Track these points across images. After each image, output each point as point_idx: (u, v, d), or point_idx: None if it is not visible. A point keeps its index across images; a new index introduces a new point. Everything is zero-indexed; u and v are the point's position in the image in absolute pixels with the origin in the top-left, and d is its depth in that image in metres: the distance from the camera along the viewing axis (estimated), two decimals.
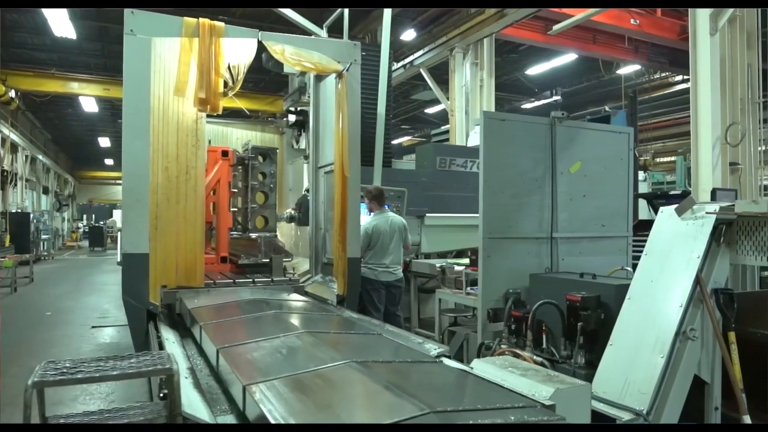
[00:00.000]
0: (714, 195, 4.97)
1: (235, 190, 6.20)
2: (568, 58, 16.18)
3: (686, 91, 16.71)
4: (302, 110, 7.93)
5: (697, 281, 3.11)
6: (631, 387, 3.04)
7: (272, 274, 5.58)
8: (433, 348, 3.14)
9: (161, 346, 3.93)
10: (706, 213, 3.17)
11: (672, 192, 5.97)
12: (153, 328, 4.56)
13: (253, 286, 5.26)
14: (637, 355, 3.10)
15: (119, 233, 5.25)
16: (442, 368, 2.65)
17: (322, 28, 6.99)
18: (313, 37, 6.24)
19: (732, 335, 3.11)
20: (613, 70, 15.77)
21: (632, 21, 10.99)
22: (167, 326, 4.51)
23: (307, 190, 6.86)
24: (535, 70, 17.07)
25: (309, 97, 6.87)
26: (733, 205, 3.16)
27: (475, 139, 4.59)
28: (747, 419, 2.93)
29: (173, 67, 4.73)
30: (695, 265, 3.12)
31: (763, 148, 5.30)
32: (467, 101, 8.94)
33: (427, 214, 6.90)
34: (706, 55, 5.15)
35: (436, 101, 16.81)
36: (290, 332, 3.17)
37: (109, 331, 8.26)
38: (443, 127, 10.09)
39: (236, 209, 6.32)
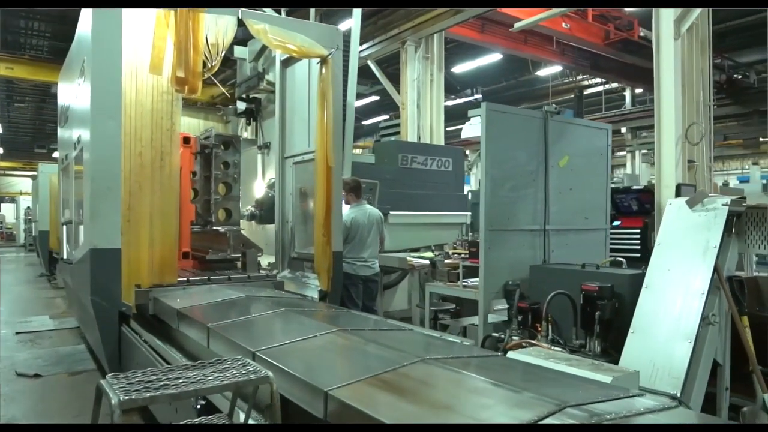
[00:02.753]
0: (679, 190, 5.31)
1: (196, 180, 5.75)
2: (493, 57, 16.72)
3: (600, 93, 17.96)
4: (254, 98, 7.55)
5: (716, 269, 3.28)
6: (660, 372, 3.15)
7: (247, 270, 5.24)
8: (465, 341, 3.07)
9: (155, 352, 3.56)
10: (722, 205, 3.35)
11: (635, 187, 6.29)
12: (130, 331, 4.11)
13: (229, 283, 4.90)
14: (665, 342, 3.21)
15: (82, 226, 4.68)
16: (512, 362, 2.59)
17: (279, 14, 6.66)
18: (295, 18, 5.91)
19: (745, 319, 3.32)
20: (532, 72, 16.51)
21: (564, 25, 11.52)
22: (142, 329, 4.10)
23: (270, 187, 6.50)
24: (461, 68, 17.46)
25: (274, 83, 6.54)
26: (744, 197, 3.36)
27: (469, 131, 4.58)
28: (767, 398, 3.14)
29: (147, 43, 4.27)
30: (713, 254, 3.29)
31: (714, 145, 5.75)
32: (419, 95, 8.93)
33: (391, 212, 6.81)
34: (670, 59, 5.48)
35: (362, 95, 16.69)
36: (324, 331, 2.95)
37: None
38: (391, 120, 10.05)
39: (197, 201, 5.86)
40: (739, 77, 14.34)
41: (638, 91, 17.20)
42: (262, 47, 7.13)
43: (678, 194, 5.28)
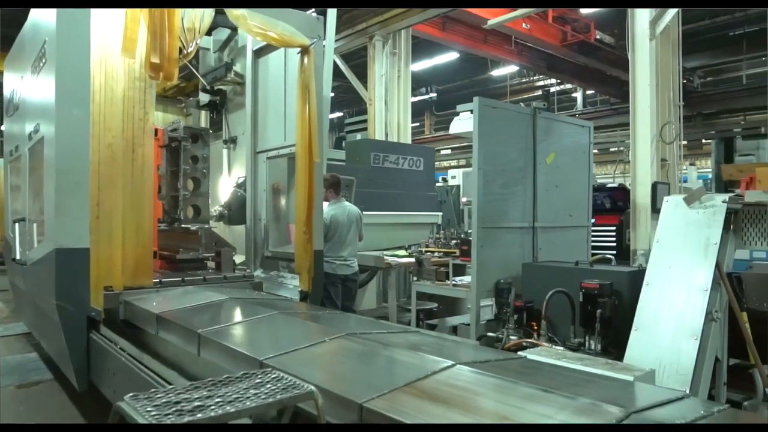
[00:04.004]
0: (655, 188, 5.41)
1: (161, 175, 5.39)
2: (450, 56, 16.81)
3: (553, 94, 18.35)
4: (219, 90, 7.19)
5: (717, 266, 3.30)
6: (668, 369, 3.14)
7: (222, 270, 4.95)
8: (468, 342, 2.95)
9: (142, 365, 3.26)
10: (721, 202, 3.38)
11: (609, 185, 6.39)
12: (101, 338, 3.77)
13: (205, 284, 4.61)
14: (671, 339, 3.20)
15: (36, 224, 4.27)
16: (538, 364, 2.49)
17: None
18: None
19: (744, 315, 3.36)
20: (490, 71, 16.70)
21: (524, 25, 11.65)
22: (116, 335, 3.77)
23: (239, 185, 6.18)
24: (418, 66, 17.43)
25: (242, 74, 6.23)
26: (741, 195, 3.40)
27: (458, 127, 4.49)
28: None
29: (119, 23, 3.93)
30: (714, 251, 3.31)
31: (686, 142, 5.90)
32: (386, 91, 8.79)
33: (364, 212, 6.64)
34: (645, 60, 5.58)
35: None
36: (332, 335, 2.76)
37: None
38: (358, 117, 9.86)
39: (163, 197, 5.50)
40: (684, 81, 14.97)
41: (589, 92, 17.70)
42: (228, 37, 6.80)
43: (654, 192, 5.40)
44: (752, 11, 13.56)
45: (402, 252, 6.81)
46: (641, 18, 5.62)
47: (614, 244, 5.75)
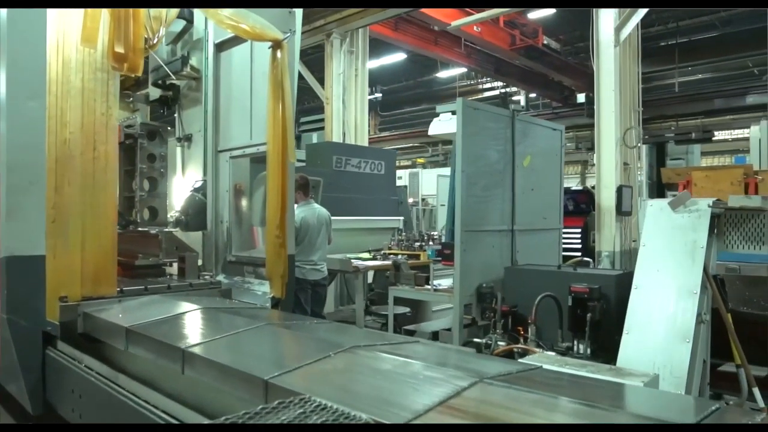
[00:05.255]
0: (620, 191, 5.54)
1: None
2: (398, 57, 16.82)
3: (497, 96, 18.72)
4: (172, 84, 6.77)
5: (704, 269, 3.37)
6: (662, 372, 3.15)
7: (187, 277, 4.63)
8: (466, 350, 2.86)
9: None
10: (707, 206, 3.45)
11: (573, 188, 6.50)
12: (60, 354, 3.41)
13: (170, 292, 4.28)
14: (664, 342, 3.23)
15: None
16: (557, 374, 2.42)
17: None
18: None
19: (729, 316, 3.45)
20: (440, 71, 16.83)
21: (475, 28, 11.77)
22: (78, 352, 3.42)
23: (197, 189, 5.79)
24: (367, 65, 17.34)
25: (198, 68, 5.89)
26: (718, 200, 3.50)
27: (438, 128, 4.39)
28: (757, 392, 3.27)
29: (78, 8, 3.56)
30: (701, 255, 3.37)
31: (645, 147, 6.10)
32: (344, 90, 8.61)
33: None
34: (610, 66, 5.71)
35: None
36: (336, 349, 2.57)
37: None
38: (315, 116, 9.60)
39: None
40: None
41: (531, 95, 18.17)
42: (183, 29, 6.41)
43: (620, 195, 5.53)
44: (683, 23, 14.35)
45: (365, 255, 6.67)
46: (606, 23, 5.74)
47: (579, 246, 5.85)
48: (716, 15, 13.71)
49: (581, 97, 15.97)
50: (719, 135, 15.69)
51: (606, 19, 5.72)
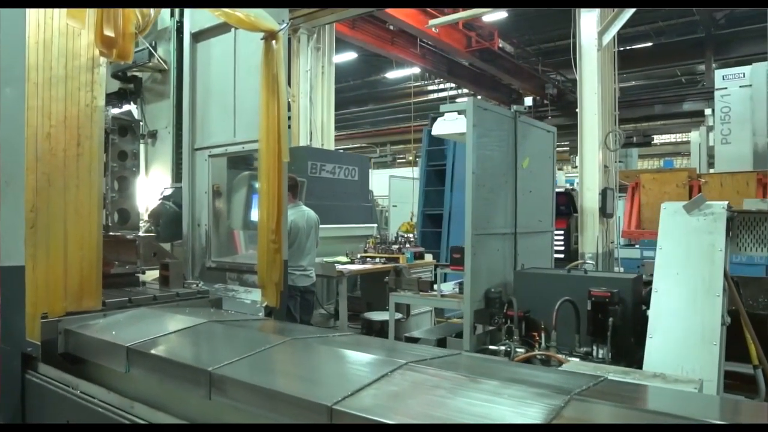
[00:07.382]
0: (605, 193, 5.61)
1: None
2: (349, 56, 16.62)
3: (444, 98, 18.87)
4: (134, 76, 6.26)
5: (724, 272, 3.40)
6: (691, 375, 3.16)
7: (171, 286, 4.23)
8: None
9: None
10: (721, 209, 3.49)
11: (557, 190, 6.52)
12: (44, 378, 2.98)
13: (156, 303, 3.89)
14: (689, 345, 3.24)
15: None
16: (624, 385, 2.34)
17: None
18: None
19: (747, 317, 3.50)
20: (394, 70, 16.76)
21: (434, 29, 11.76)
22: (69, 375, 3.01)
23: (166, 198, 5.31)
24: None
25: (166, 60, 5.46)
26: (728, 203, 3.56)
27: (443, 128, 4.19)
28: None
29: None
30: (721, 258, 3.41)
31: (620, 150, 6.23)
32: (311, 87, 8.31)
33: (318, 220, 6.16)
34: (593, 70, 5.78)
35: None
36: (391, 367, 2.35)
37: None
38: None
39: None
40: (567, 93, 16.19)
41: (478, 97, 18.46)
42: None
43: (604, 197, 5.59)
44: (623, 31, 14.95)
45: (343, 258, 6.44)
46: (588, 27, 5.80)
47: (562, 247, 5.88)
48: (653, 25, 14.40)
49: (528, 101, 16.35)
50: (658, 139, 16.52)
51: (588, 23, 5.78)
